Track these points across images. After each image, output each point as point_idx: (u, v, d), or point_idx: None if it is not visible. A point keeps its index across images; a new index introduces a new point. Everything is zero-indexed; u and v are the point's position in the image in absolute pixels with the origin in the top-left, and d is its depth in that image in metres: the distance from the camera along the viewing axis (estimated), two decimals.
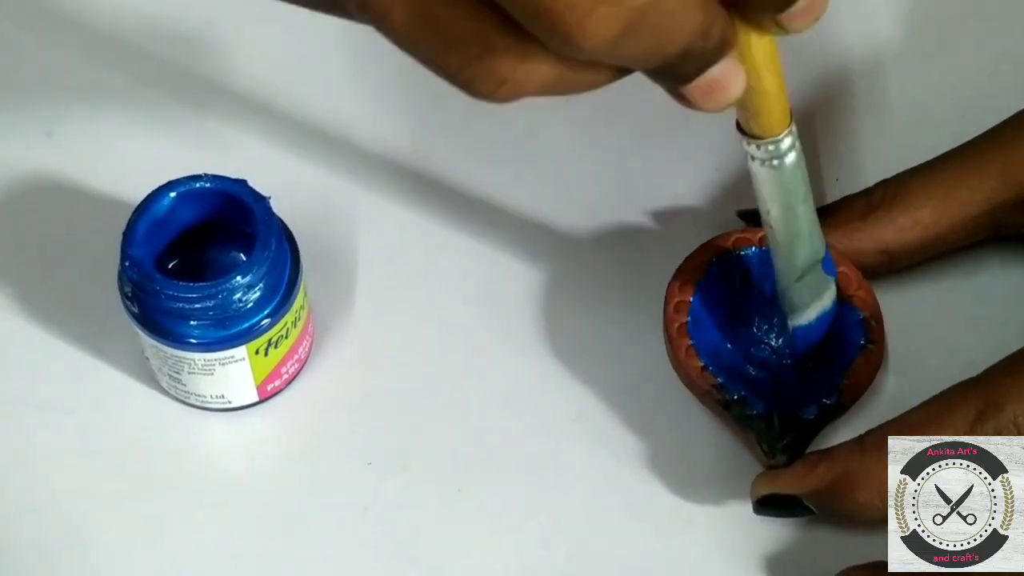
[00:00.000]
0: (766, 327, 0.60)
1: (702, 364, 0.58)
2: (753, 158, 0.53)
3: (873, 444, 0.54)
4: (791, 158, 0.53)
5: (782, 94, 0.52)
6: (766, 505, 0.56)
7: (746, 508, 0.57)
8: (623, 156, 0.65)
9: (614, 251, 0.63)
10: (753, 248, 0.60)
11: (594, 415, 0.60)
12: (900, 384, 0.60)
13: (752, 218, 0.61)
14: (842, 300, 0.59)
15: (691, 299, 0.59)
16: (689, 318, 0.58)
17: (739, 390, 0.57)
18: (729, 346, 0.59)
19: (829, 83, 0.67)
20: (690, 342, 0.58)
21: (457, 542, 0.58)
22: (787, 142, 0.53)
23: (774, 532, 0.58)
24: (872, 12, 0.69)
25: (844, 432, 0.58)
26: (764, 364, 0.59)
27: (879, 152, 0.62)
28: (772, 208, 0.55)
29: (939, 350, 0.61)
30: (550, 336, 0.61)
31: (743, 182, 0.64)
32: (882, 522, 0.53)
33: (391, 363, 0.61)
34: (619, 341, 0.61)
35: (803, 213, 0.55)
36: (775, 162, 0.53)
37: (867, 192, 0.60)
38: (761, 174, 0.54)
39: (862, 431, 0.58)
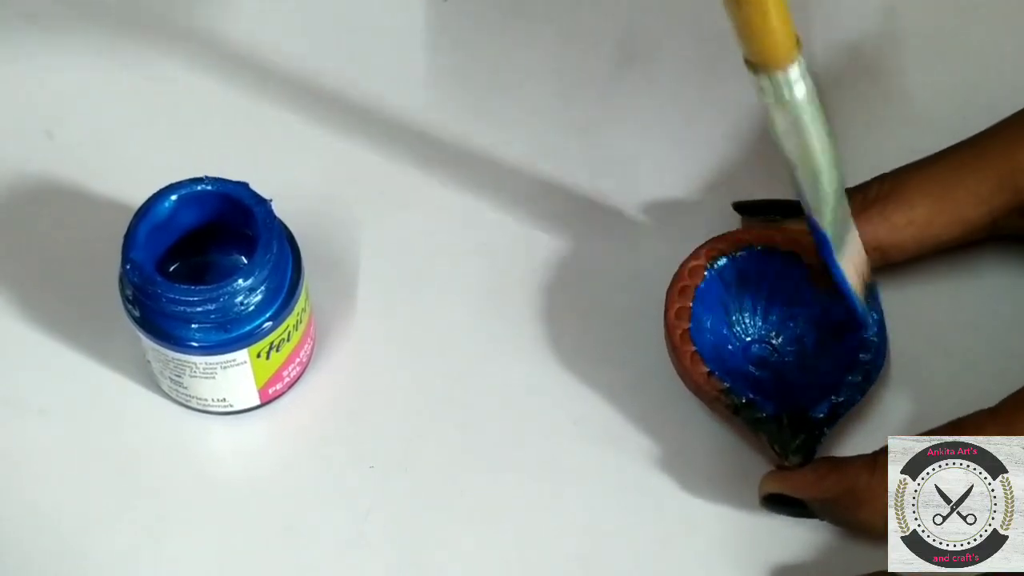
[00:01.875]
0: (764, 326, 0.60)
1: (708, 370, 0.58)
2: (761, 91, 0.52)
3: (884, 465, 0.54)
4: (800, 92, 0.52)
5: (780, 12, 0.50)
6: (772, 503, 0.56)
7: (750, 511, 0.57)
8: (623, 155, 0.65)
9: (615, 250, 0.63)
10: (748, 249, 0.60)
11: (595, 418, 0.60)
12: (903, 384, 0.60)
13: (748, 211, 0.61)
14: (842, 294, 0.59)
15: (691, 304, 0.59)
16: (691, 324, 0.58)
17: (746, 393, 0.57)
18: (729, 347, 0.59)
19: (830, 84, 0.67)
20: (694, 348, 0.58)
21: (460, 545, 0.58)
22: (793, 73, 0.52)
23: (779, 536, 0.57)
24: (872, 12, 0.69)
25: (850, 429, 0.59)
26: (766, 363, 0.59)
27: (880, 153, 0.62)
28: (788, 145, 0.54)
29: (939, 351, 0.61)
30: (551, 339, 0.61)
31: (742, 179, 0.64)
32: (883, 538, 0.53)
33: (393, 366, 0.61)
34: (620, 342, 0.61)
35: (820, 149, 0.54)
36: (782, 95, 0.52)
37: (863, 187, 0.60)
38: (771, 110, 0.53)
39: (868, 429, 0.58)
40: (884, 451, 0.54)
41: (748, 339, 0.60)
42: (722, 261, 0.60)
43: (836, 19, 0.69)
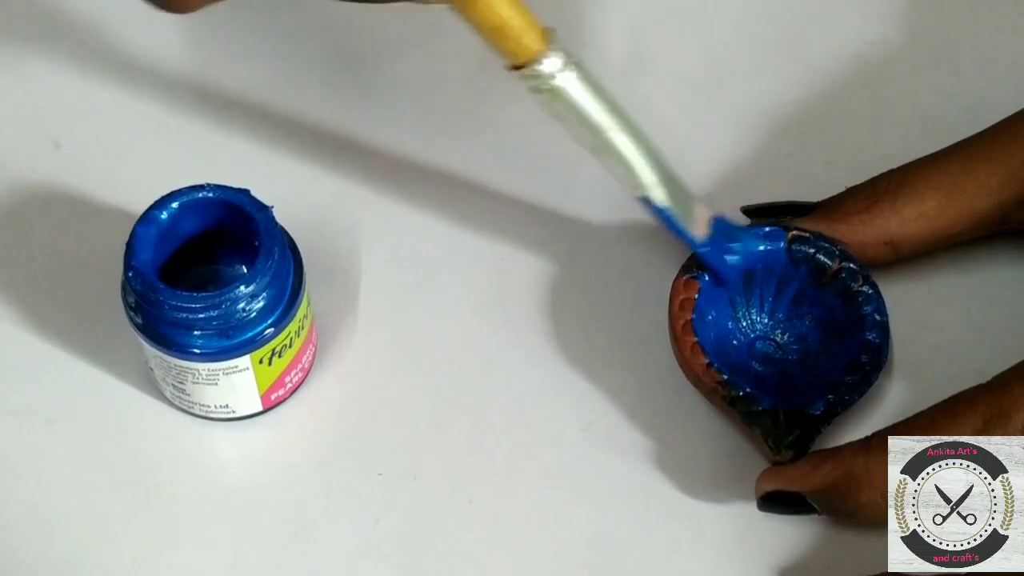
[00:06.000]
0: (771, 323, 0.60)
1: (707, 361, 0.58)
2: (536, 91, 0.54)
3: (879, 446, 0.54)
4: (562, 81, 0.54)
5: (512, 7, 0.52)
6: (770, 502, 0.56)
7: (759, 514, 0.57)
8: None
9: (620, 251, 0.63)
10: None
11: (603, 422, 0.60)
12: (905, 382, 0.60)
13: (756, 214, 0.61)
14: (847, 295, 0.59)
15: (696, 296, 0.59)
16: (694, 315, 0.58)
17: (745, 386, 0.57)
18: (734, 342, 0.59)
19: (835, 88, 0.67)
20: (695, 339, 0.58)
21: (468, 552, 0.58)
22: (546, 66, 0.54)
23: (786, 537, 0.57)
24: (876, 15, 0.69)
25: (850, 427, 0.58)
26: (769, 359, 0.59)
27: (886, 157, 0.62)
28: (580, 136, 0.56)
29: (945, 348, 0.61)
30: (557, 342, 0.61)
31: (747, 178, 0.64)
32: (885, 523, 0.53)
33: (395, 372, 0.61)
34: (627, 344, 0.61)
35: (613, 130, 0.56)
36: (545, 88, 0.54)
37: (872, 182, 0.60)
38: (541, 104, 0.55)
39: (867, 427, 0.58)
40: (877, 434, 0.55)
41: (753, 335, 0.60)
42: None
43: (841, 24, 0.69)
